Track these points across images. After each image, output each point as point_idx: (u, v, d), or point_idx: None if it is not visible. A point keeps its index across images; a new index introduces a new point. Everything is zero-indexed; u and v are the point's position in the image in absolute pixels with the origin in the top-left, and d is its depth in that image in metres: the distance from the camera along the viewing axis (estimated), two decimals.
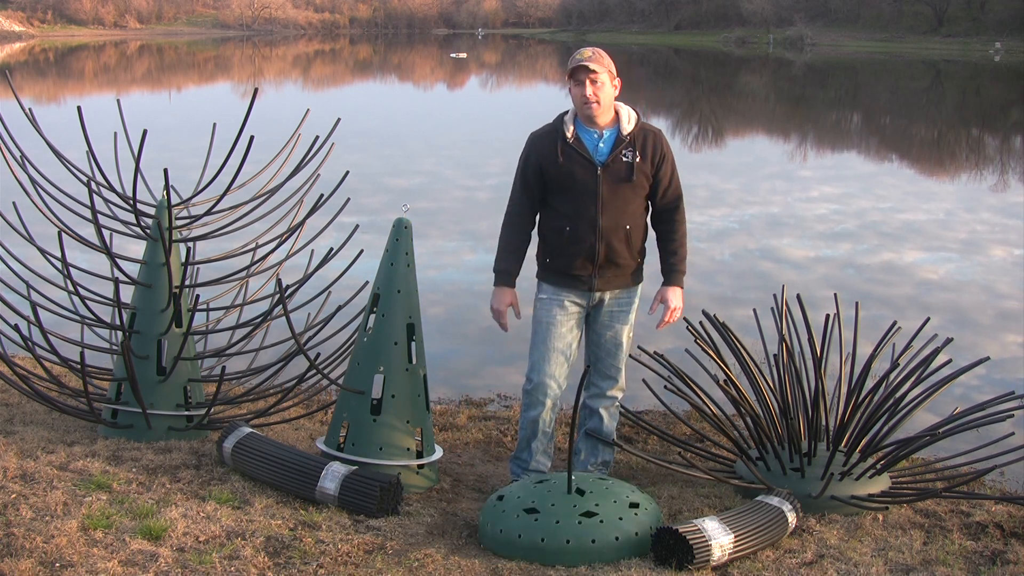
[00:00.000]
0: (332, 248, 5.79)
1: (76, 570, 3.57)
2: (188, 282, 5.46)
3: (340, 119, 5.98)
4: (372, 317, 4.79)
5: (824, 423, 4.93)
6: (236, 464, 4.67)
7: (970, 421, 4.83)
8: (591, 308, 4.93)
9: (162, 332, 5.23)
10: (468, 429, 6.40)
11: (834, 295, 5.64)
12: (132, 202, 5.22)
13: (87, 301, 5.44)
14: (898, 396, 4.87)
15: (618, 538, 3.98)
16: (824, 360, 5.05)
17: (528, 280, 4.99)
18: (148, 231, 5.36)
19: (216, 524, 4.02)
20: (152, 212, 5.39)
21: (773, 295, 5.56)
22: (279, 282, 5.04)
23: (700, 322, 5.32)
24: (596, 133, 4.77)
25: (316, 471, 4.40)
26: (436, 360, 7.09)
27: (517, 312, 4.98)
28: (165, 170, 5.20)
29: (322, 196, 5.58)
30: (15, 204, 5.78)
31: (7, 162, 5.59)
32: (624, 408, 5.24)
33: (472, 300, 9.83)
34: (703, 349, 4.95)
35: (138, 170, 5.04)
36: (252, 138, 4.90)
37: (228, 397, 5.90)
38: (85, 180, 5.41)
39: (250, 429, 4.76)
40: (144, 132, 4.97)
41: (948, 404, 6.25)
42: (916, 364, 5.06)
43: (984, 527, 4.42)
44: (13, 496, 4.14)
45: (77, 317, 5.62)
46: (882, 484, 4.74)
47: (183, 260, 5.30)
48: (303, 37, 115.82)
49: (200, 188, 5.59)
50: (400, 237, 4.77)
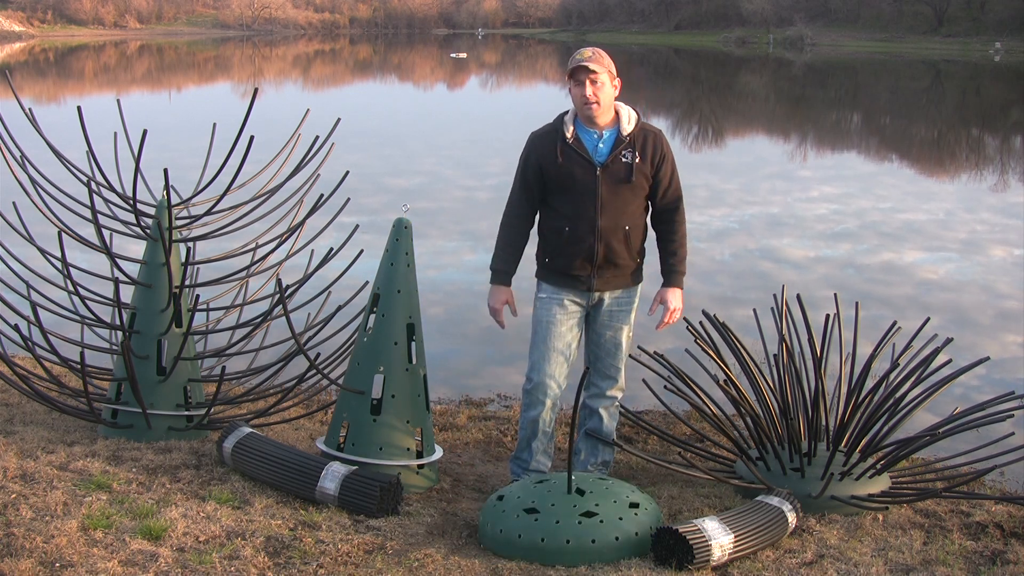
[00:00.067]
0: (332, 248, 5.78)
1: (76, 570, 3.57)
2: (188, 282, 5.45)
3: (340, 119, 5.98)
4: (372, 317, 4.79)
5: (824, 423, 4.93)
6: (236, 464, 4.67)
7: (970, 421, 4.83)
8: (591, 308, 4.93)
9: (162, 332, 5.23)
10: (468, 429, 6.39)
11: (834, 295, 5.64)
12: (132, 202, 5.22)
13: (87, 301, 5.44)
14: (898, 396, 4.87)
15: (618, 538, 3.98)
16: (824, 360, 5.05)
17: (527, 280, 4.99)
18: (148, 231, 5.36)
19: (216, 524, 4.02)
20: (152, 212, 5.39)
21: (773, 295, 5.56)
22: (279, 282, 5.04)
23: (700, 322, 5.32)
24: (596, 133, 4.77)
25: (316, 471, 4.40)
26: (436, 360, 7.09)
27: (513, 310, 4.99)
28: (165, 170, 5.20)
29: (322, 196, 5.58)
30: (15, 204, 5.78)
31: (7, 162, 5.59)
32: (624, 408, 5.24)
33: (472, 300, 9.82)
34: (703, 349, 4.95)
35: (138, 170, 5.03)
36: (252, 138, 4.90)
37: (228, 397, 5.89)
38: (85, 180, 5.41)
39: (250, 429, 4.76)
40: (144, 132, 4.96)
41: (948, 404, 6.25)
42: (916, 364, 5.06)
43: (984, 527, 4.42)
44: (13, 496, 4.14)
45: (77, 317, 5.62)
46: (882, 484, 4.73)
47: (183, 260, 5.30)
48: (303, 37, 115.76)
49: (200, 188, 5.59)
50: (400, 237, 4.77)
